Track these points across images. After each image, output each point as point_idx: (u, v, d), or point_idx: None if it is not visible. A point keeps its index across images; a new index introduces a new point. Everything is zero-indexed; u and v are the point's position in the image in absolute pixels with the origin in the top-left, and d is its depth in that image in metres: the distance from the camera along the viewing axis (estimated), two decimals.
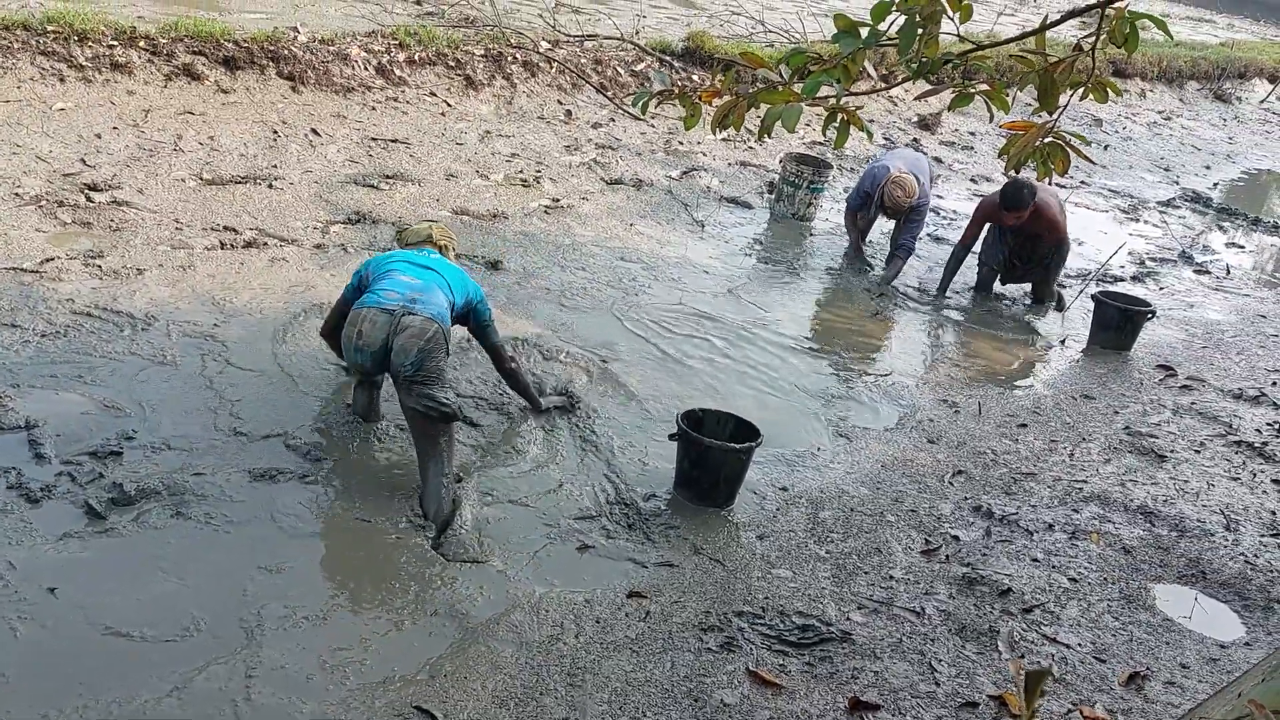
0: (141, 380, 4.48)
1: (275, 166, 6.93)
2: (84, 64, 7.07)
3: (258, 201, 6.44)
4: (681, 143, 9.35)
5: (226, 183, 6.57)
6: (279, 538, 3.73)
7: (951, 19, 2.65)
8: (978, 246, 7.33)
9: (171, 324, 4.94)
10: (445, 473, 4.05)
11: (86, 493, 3.73)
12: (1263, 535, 4.85)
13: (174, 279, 5.37)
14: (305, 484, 4.02)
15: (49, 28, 7.11)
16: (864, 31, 2.67)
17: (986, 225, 7.19)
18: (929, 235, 8.26)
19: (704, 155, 9.29)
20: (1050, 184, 6.34)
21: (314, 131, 7.52)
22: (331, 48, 8.34)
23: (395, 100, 8.36)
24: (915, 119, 11.77)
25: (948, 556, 4.33)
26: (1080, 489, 5.04)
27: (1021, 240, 7.13)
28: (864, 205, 7.55)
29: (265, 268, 5.70)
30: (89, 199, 5.94)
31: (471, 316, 4.52)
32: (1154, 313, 6.96)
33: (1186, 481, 5.27)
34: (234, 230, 6.00)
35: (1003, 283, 7.48)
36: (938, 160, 10.88)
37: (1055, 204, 7.09)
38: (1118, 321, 6.86)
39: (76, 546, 3.50)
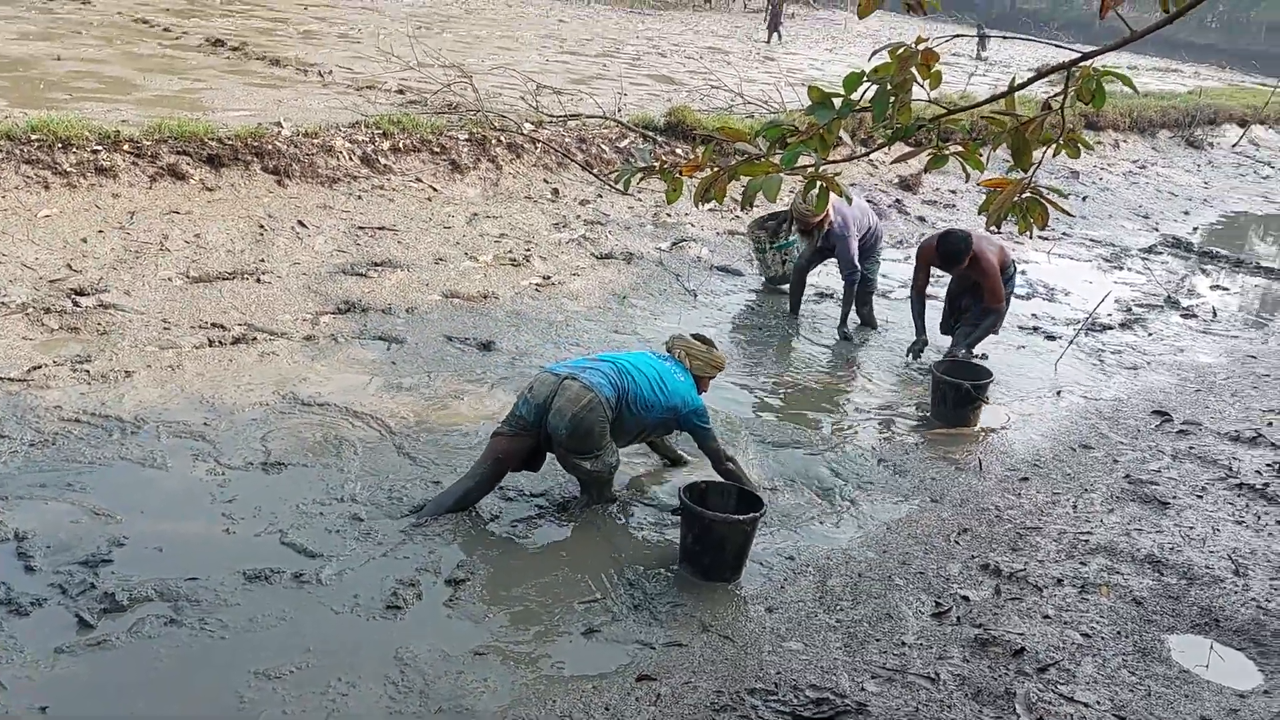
0: (131, 484, 4.43)
1: (263, 260, 6.95)
2: (68, 170, 7.13)
3: (246, 297, 6.45)
4: (669, 215, 9.43)
5: (214, 280, 6.58)
6: (275, 641, 3.65)
7: (922, 85, 2.69)
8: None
9: (161, 425, 4.91)
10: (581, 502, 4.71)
11: (78, 604, 3.66)
12: (1272, 579, 4.78)
13: (162, 379, 5.35)
14: (301, 583, 3.95)
15: (33, 136, 7.18)
16: (838, 102, 2.71)
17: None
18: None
19: (693, 226, 9.37)
20: (1032, 237, 6.31)
21: (300, 223, 7.57)
22: (315, 140, 8.44)
23: (381, 188, 8.43)
24: (896, 180, 11.92)
25: (959, 618, 4.26)
26: (1086, 541, 4.98)
27: (964, 285, 7.08)
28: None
29: (255, 363, 5.69)
30: (76, 304, 5.94)
31: (681, 424, 4.75)
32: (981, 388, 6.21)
33: (1192, 528, 5.22)
34: (222, 327, 6.00)
35: (942, 331, 7.27)
36: (921, 219, 11.05)
37: (993, 252, 6.92)
38: (952, 398, 6.20)
39: (68, 662, 3.42)
